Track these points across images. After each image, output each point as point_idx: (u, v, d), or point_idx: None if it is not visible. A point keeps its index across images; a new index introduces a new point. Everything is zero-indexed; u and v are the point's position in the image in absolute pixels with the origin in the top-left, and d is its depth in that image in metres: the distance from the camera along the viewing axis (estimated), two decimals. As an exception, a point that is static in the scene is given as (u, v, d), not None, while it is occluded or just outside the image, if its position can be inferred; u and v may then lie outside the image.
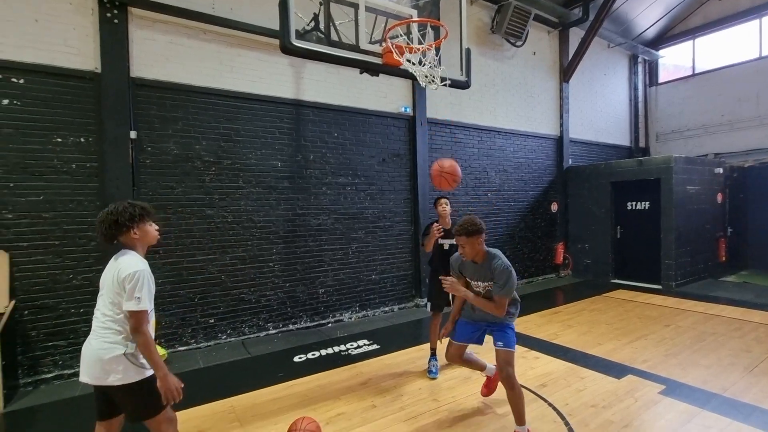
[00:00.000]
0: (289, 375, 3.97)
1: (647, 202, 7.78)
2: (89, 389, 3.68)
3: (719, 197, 8.28)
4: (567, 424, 2.95)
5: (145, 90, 4.52)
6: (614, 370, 3.87)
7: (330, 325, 5.71)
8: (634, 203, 8.00)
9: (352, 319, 5.96)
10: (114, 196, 4.22)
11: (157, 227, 2.20)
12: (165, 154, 4.64)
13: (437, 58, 3.24)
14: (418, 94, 6.59)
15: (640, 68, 10.87)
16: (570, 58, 8.87)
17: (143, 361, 1.97)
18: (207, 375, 4.09)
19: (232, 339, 5.02)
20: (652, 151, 10.98)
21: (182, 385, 2.01)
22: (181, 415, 3.22)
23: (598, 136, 9.90)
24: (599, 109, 9.97)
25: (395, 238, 6.44)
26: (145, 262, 2.06)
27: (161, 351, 4.39)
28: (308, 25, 3.13)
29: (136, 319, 1.91)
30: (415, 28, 3.46)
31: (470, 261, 2.82)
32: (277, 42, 5.07)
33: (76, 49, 4.17)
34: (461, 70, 3.88)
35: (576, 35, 8.91)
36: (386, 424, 3.01)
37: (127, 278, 1.92)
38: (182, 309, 4.74)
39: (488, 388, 3.27)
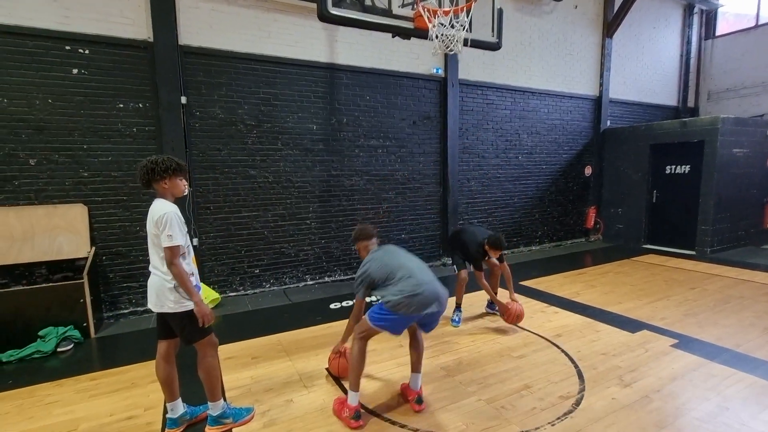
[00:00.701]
0: (326, 319, 4.46)
1: (688, 166, 7.51)
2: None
3: (769, 161, 7.83)
4: (576, 366, 3.24)
5: (192, 57, 4.85)
6: (630, 325, 4.06)
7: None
8: (673, 167, 7.74)
9: (383, 274, 6.38)
10: (170, 157, 4.69)
11: (186, 183, 2.44)
12: (212, 118, 5.03)
13: (468, 19, 3.31)
14: (450, 55, 6.54)
15: (695, 19, 10.01)
16: (616, 11, 8.34)
17: (185, 295, 2.28)
18: (255, 317, 4.66)
19: (275, 288, 5.58)
20: (702, 111, 10.32)
21: (212, 312, 2.36)
22: (237, 345, 3.80)
23: (641, 96, 9.41)
24: (645, 66, 9.40)
25: (424, 199, 6.68)
26: (174, 206, 2.30)
27: (215, 294, 5.00)
28: (343, -9, 3.28)
29: (170, 253, 2.20)
30: (446, -10, 3.51)
31: None
32: (310, 5, 5.25)
33: (131, 19, 4.51)
34: (492, 30, 3.90)
35: (624, -16, 8.30)
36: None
37: (159, 220, 2.20)
38: (231, 260, 5.30)
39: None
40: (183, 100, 4.79)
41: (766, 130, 7.66)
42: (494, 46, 3.92)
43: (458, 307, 4.30)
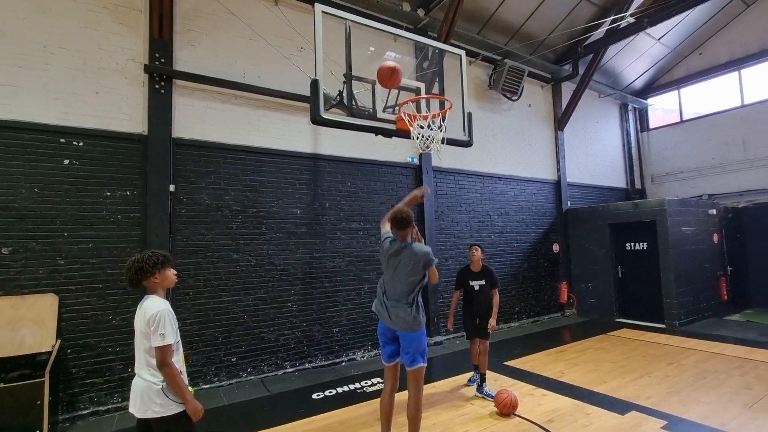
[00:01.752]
0: (309, 411, 4.21)
1: (645, 243, 8.12)
2: (122, 425, 3.95)
3: (715, 237, 8.60)
4: (573, 455, 3.16)
5: (183, 148, 5.11)
6: (618, 406, 4.07)
7: (344, 363, 5.94)
8: (632, 244, 8.34)
9: (365, 357, 6.18)
10: (154, 243, 4.68)
11: (175, 272, 2.46)
12: (198, 204, 5.15)
13: (443, 124, 3.78)
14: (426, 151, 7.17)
15: (630, 115, 11.60)
16: (563, 109, 9.58)
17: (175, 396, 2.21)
18: (231, 412, 4.32)
19: (252, 377, 5.26)
20: (649, 192, 11.45)
21: (202, 408, 2.30)
22: (214, 448, 3.48)
23: (594, 179, 10.42)
24: (594, 154, 10.57)
25: (405, 279, 6.77)
26: (166, 302, 2.33)
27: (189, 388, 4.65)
28: (334, 99, 3.71)
29: (161, 353, 2.16)
30: (423, 101, 4.04)
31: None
32: (297, 104, 5.79)
33: (128, 115, 4.80)
34: (464, 131, 4.42)
35: (568, 88, 9.68)
36: None
37: (151, 319, 2.17)
38: (208, 348, 5.04)
39: None
40: (171, 187, 4.93)
41: (707, 210, 8.55)
42: (466, 144, 4.42)
43: (476, 367, 4.68)
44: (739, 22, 9.85)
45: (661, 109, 11.59)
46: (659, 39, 9.86)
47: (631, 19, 8.10)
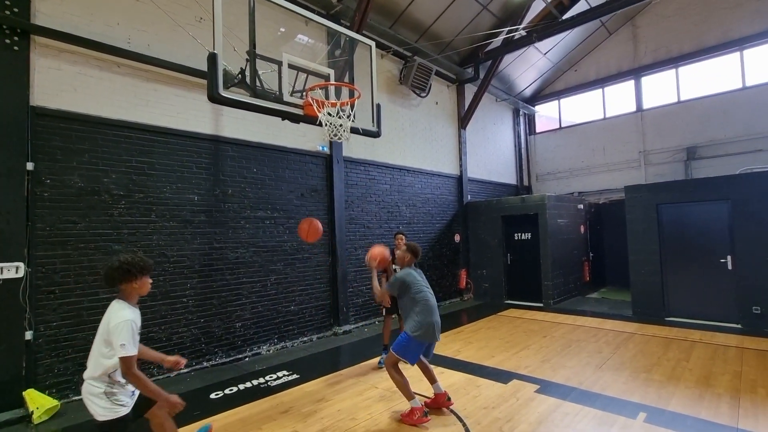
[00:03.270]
0: (206, 412, 3.92)
1: (529, 233, 9.22)
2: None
3: (582, 228, 10.14)
4: (464, 425, 3.47)
5: (46, 120, 4.29)
6: (503, 376, 4.58)
7: (247, 359, 5.66)
8: (520, 234, 9.40)
9: (271, 351, 5.97)
10: (3, 232, 3.89)
11: (151, 281, 2.47)
12: (67, 187, 4.39)
13: (353, 113, 3.77)
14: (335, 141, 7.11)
15: (521, 120, 12.98)
16: (466, 109, 10.32)
17: (120, 400, 2.30)
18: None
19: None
20: (534, 189, 12.99)
21: (179, 400, 2.45)
22: (87, 465, 3.04)
23: (491, 176, 11.47)
24: (491, 152, 11.62)
25: (313, 269, 6.69)
26: (136, 311, 2.36)
27: (52, 401, 4.00)
28: (236, 78, 3.44)
29: (124, 364, 2.18)
30: (333, 88, 3.98)
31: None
32: (196, 80, 5.29)
33: (-35, 73, 3.86)
34: (373, 121, 4.48)
35: (470, 90, 10.44)
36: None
37: (115, 328, 2.19)
38: (79, 353, 4.36)
39: (433, 402, 3.82)
40: (29, 165, 4.12)
41: (576, 205, 10.01)
42: (375, 135, 4.48)
43: (385, 348, 4.94)
44: (603, 47, 11.64)
45: (545, 116, 13.20)
46: (545, 53, 11.17)
47: (523, 33, 9.02)
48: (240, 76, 3.40)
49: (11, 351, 3.92)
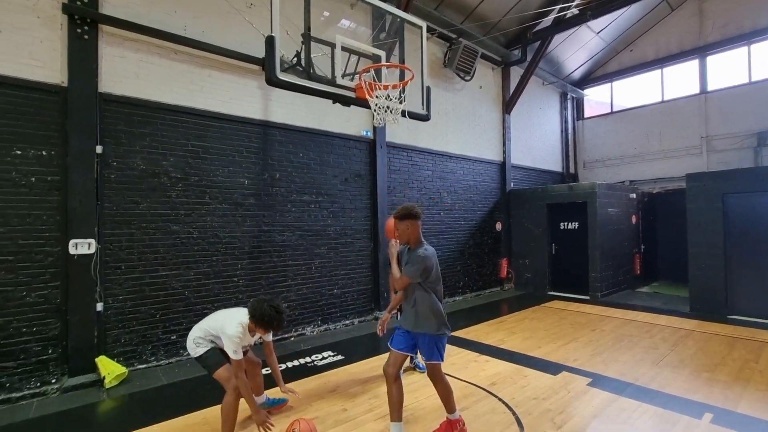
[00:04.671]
0: (258, 386, 4.09)
1: (576, 223, 8.83)
2: (41, 411, 3.58)
3: (633, 218, 9.59)
4: (515, 414, 3.42)
5: (113, 105, 4.54)
6: (551, 368, 4.46)
7: (293, 339, 5.85)
8: (566, 223, 9.03)
9: (314, 332, 6.14)
10: (76, 211, 4.18)
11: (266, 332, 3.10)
12: (131, 170, 4.65)
13: (403, 95, 3.71)
14: (383, 124, 7.06)
15: (569, 104, 12.35)
16: (511, 93, 9.93)
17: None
18: (172, 391, 4.08)
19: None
20: (580, 176, 12.40)
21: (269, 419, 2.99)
22: (157, 429, 3.28)
23: (535, 162, 11.04)
24: (536, 138, 11.17)
25: (356, 254, 6.76)
26: (240, 328, 2.96)
27: (120, 369, 4.31)
28: (291, 61, 3.47)
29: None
30: (383, 68, 3.92)
31: (405, 248, 3.08)
32: (247, 65, 5.39)
33: (42, 62, 4.13)
34: (422, 104, 4.39)
35: (516, 72, 10.02)
36: (358, 424, 3.28)
37: (226, 337, 2.94)
38: (143, 326, 4.67)
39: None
40: (98, 149, 4.38)
41: (629, 194, 9.46)
42: (424, 118, 4.40)
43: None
44: (664, 24, 10.77)
45: (595, 100, 12.48)
46: (598, 33, 10.49)
47: (576, 11, 8.49)
48: (295, 59, 3.41)
49: (85, 321, 4.25)
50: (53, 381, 4.12)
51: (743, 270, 6.51)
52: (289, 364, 4.76)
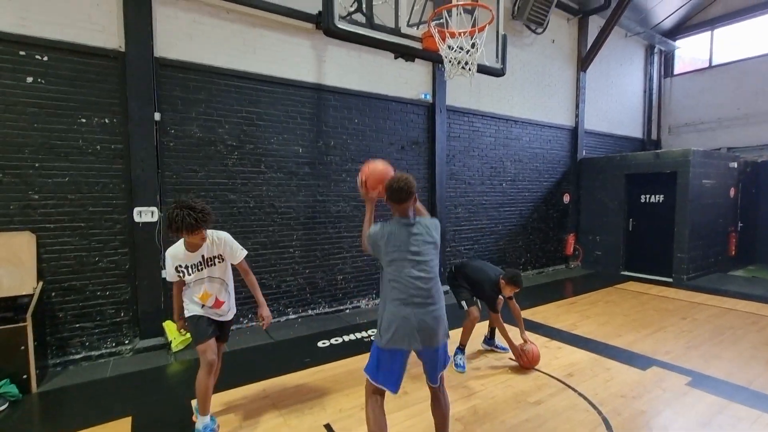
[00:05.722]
0: (316, 360, 4.00)
1: (662, 195, 7.77)
2: (117, 370, 3.71)
3: (732, 192, 8.28)
4: (600, 413, 2.99)
5: (168, 70, 4.43)
6: (638, 361, 3.91)
7: (348, 311, 5.74)
8: (648, 196, 7.98)
9: (369, 305, 5.99)
10: (139, 179, 4.19)
11: (199, 238, 2.65)
12: (188, 137, 4.58)
13: (481, 43, 3.17)
14: (438, 80, 6.48)
15: (656, 59, 10.73)
16: (588, 48, 8.73)
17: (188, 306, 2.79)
18: (234, 359, 4.10)
19: (254, 323, 5.04)
20: (664, 144, 10.92)
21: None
22: (217, 398, 3.26)
23: (612, 128, 9.82)
24: (614, 100, 9.87)
25: (412, 226, 6.41)
26: (178, 249, 2.68)
27: (186, 334, 4.41)
28: (351, 6, 3.05)
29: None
30: (454, 12, 3.37)
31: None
32: (298, 23, 5.03)
33: (101, 25, 4.06)
34: (497, 57, 3.80)
35: (594, 23, 8.76)
36: (421, 410, 3.04)
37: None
38: (205, 293, 4.73)
39: None
40: (157, 116, 4.32)
41: (728, 162, 8.13)
42: (499, 72, 3.82)
43: (462, 349, 3.93)
44: (793, -49, 8.77)
45: (689, 56, 10.71)
46: (701, -32, 8.79)
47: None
48: (355, 4, 2.99)
49: (152, 287, 4.36)
50: (126, 342, 4.31)
51: None
52: (345, 338, 4.63)
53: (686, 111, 10.57)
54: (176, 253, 2.65)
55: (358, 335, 4.73)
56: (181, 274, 2.67)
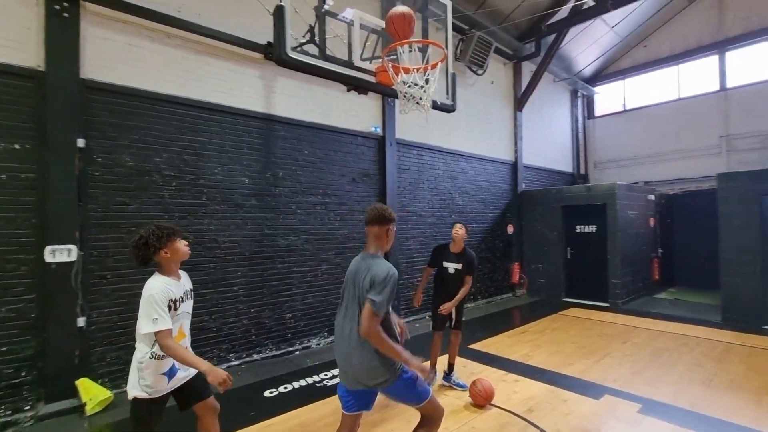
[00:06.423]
0: (263, 413, 3.60)
1: (594, 226, 8.37)
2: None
3: (652, 221, 9.16)
4: (563, 450, 2.93)
5: (97, 94, 4.02)
6: (591, 390, 3.98)
7: (298, 352, 5.34)
8: (582, 226, 8.57)
9: (321, 345, 5.63)
10: (55, 212, 3.67)
11: (186, 243, 2.32)
12: (119, 166, 4.13)
13: (434, 78, 3.23)
14: (387, 114, 6.60)
15: (579, 102, 11.93)
16: (523, 90, 9.48)
17: (146, 379, 2.18)
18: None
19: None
20: (591, 178, 11.97)
21: (226, 374, 2.09)
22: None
23: (547, 163, 10.59)
24: (547, 137, 10.72)
25: (365, 259, 6.26)
26: (166, 279, 2.20)
27: (105, 393, 3.79)
28: (303, 36, 2.98)
29: (158, 338, 2.06)
30: (406, 49, 3.44)
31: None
32: (248, 53, 4.91)
33: (17, 42, 3.62)
34: (447, 93, 3.92)
35: (527, 68, 9.58)
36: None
37: (145, 301, 2.08)
38: (134, 341, 4.14)
39: None
40: (80, 142, 3.86)
41: (647, 195, 9.03)
42: (450, 108, 3.94)
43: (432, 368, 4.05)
44: (682, 17, 10.36)
45: (606, 98, 12.05)
46: (613, 27, 10.06)
47: (591, 2, 8.06)
48: (308, 35, 2.92)
49: (64, 338, 3.73)
50: (27, 408, 3.60)
51: (780, 277, 6.08)
52: (296, 384, 4.26)
53: (608, 148, 11.74)
54: (167, 282, 2.17)
55: (310, 380, 4.37)
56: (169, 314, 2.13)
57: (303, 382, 4.31)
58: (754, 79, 9.27)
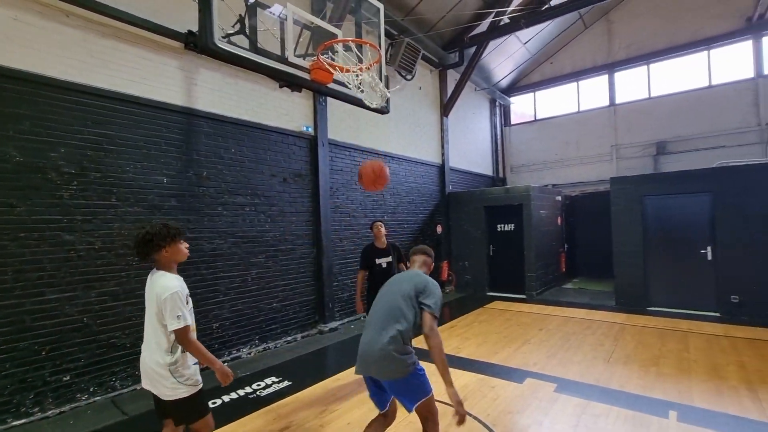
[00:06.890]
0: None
1: (512, 224, 9.11)
2: None
3: (559, 220, 10.23)
4: (494, 433, 3.14)
5: (-29, 75, 3.37)
6: (515, 375, 4.31)
7: (227, 364, 4.96)
8: (503, 225, 9.27)
9: (252, 354, 5.34)
10: None
11: (186, 245, 2.35)
12: (3, 162, 3.50)
13: (377, 78, 3.25)
14: (319, 113, 6.50)
15: (498, 111, 12.91)
16: (448, 96, 9.99)
17: (186, 373, 2.20)
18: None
19: (98, 398, 3.95)
20: (508, 181, 13.01)
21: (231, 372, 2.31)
22: None
23: (470, 166, 11.28)
24: (470, 142, 11.43)
25: (297, 262, 6.09)
26: (178, 280, 2.23)
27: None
28: (233, 27, 2.80)
29: (180, 335, 2.12)
30: (340, 48, 3.43)
31: None
32: (166, 40, 4.52)
33: None
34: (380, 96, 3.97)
35: (452, 76, 10.12)
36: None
37: (165, 301, 2.10)
38: (22, 368, 3.54)
39: None
40: (-52, 132, 3.20)
41: (555, 196, 10.07)
42: (383, 111, 3.99)
43: None
44: (579, 40, 11.76)
45: (521, 108, 13.21)
46: (525, 43, 11.07)
47: (507, 20, 8.79)
48: (237, 25, 2.76)
49: None
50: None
51: (659, 265, 7.18)
52: (226, 398, 3.98)
53: (522, 154, 12.88)
54: (179, 278, 2.25)
55: (241, 392, 4.12)
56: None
57: (234, 395, 4.05)
58: (635, 97, 10.86)
